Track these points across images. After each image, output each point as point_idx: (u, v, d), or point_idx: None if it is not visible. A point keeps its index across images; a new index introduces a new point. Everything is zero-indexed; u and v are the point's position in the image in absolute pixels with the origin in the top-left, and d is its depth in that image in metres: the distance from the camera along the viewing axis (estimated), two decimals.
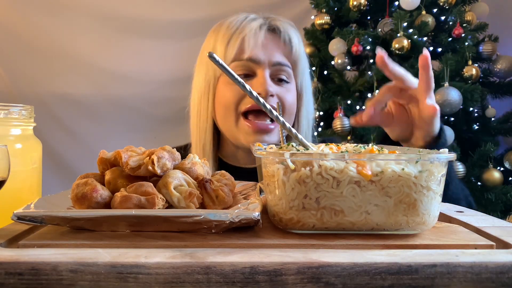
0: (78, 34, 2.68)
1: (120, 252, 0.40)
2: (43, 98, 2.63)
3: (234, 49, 0.98)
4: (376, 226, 0.48)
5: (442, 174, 0.48)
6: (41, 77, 2.67)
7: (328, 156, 0.47)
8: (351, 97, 2.18)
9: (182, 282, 0.38)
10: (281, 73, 1.01)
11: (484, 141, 2.04)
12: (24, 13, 2.64)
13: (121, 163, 0.53)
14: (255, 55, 0.97)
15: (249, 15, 1.03)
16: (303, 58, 1.05)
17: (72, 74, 2.70)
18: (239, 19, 1.02)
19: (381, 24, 2.11)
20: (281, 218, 0.48)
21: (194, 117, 1.06)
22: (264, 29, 1.00)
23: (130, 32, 2.73)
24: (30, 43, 2.65)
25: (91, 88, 2.69)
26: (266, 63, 0.99)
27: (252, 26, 0.99)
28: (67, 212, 0.48)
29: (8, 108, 0.63)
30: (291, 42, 1.01)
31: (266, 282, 0.38)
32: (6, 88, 2.65)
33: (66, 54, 2.67)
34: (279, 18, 1.05)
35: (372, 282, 0.38)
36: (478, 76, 2.00)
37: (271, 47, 1.00)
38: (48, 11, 2.66)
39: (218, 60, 0.53)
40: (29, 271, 0.38)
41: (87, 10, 2.69)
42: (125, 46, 2.72)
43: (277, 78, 1.01)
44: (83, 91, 2.68)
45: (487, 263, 0.39)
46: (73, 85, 2.67)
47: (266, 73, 0.98)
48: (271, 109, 0.57)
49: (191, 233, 0.48)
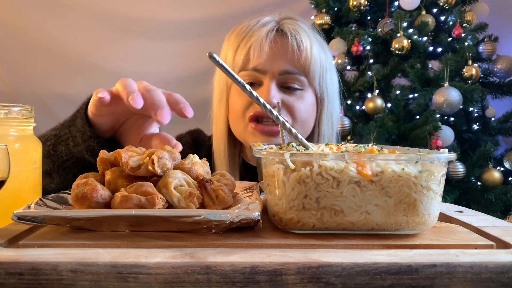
0: (78, 34, 2.68)
1: (120, 252, 0.40)
2: (43, 98, 2.63)
3: (241, 58, 0.97)
4: (376, 226, 0.48)
5: (442, 174, 0.48)
6: (41, 77, 2.67)
7: (328, 156, 0.47)
8: (351, 97, 2.18)
9: (182, 282, 0.38)
10: (290, 81, 0.98)
11: (484, 141, 2.04)
12: (24, 13, 2.64)
13: (121, 163, 0.53)
14: (260, 65, 0.96)
15: (262, 18, 1.01)
16: (317, 62, 0.99)
17: (72, 74, 2.70)
18: (251, 24, 1.00)
19: (381, 24, 2.11)
20: (281, 218, 0.48)
21: (213, 122, 1.08)
22: (272, 36, 0.97)
23: (130, 32, 2.73)
24: (30, 43, 2.65)
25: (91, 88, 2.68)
26: (272, 72, 0.96)
27: (260, 33, 0.97)
28: (67, 212, 0.48)
29: (8, 108, 0.63)
30: (299, 48, 0.97)
31: (266, 282, 0.38)
32: (6, 88, 2.65)
33: (66, 54, 2.67)
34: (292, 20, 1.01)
35: (372, 282, 0.38)
36: (478, 76, 2.00)
37: (278, 55, 0.96)
38: (48, 11, 2.66)
39: (218, 60, 0.53)
40: (29, 271, 0.38)
41: (87, 10, 2.69)
42: (125, 46, 2.72)
43: (287, 86, 0.98)
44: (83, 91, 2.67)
45: (487, 263, 0.39)
46: (73, 85, 2.67)
47: (271, 83, 0.96)
48: (271, 109, 0.57)
49: (191, 233, 0.48)
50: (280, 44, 0.98)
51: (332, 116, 1.06)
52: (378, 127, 1.95)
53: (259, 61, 0.96)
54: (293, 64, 0.97)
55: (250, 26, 0.99)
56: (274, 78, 0.97)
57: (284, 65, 0.97)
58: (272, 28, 0.99)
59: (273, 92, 0.95)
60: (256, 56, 0.96)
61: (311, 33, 1.01)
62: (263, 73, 0.97)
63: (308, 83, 1.00)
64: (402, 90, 2.03)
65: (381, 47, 2.12)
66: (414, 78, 1.98)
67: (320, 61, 1.00)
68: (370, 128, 1.97)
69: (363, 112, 2.15)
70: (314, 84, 1.00)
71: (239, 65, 0.98)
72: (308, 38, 0.99)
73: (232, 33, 1.02)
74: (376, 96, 2.04)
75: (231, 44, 1.01)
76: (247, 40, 0.97)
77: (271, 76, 0.96)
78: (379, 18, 2.19)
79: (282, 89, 0.98)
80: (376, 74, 2.03)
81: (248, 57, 0.97)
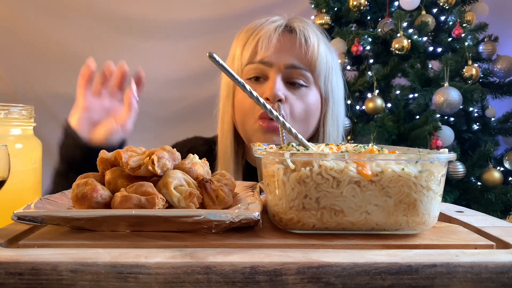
0: (78, 34, 2.68)
1: (120, 252, 0.40)
2: (43, 98, 2.63)
3: (248, 52, 0.98)
4: (376, 226, 0.48)
5: (442, 174, 0.48)
6: (41, 77, 2.66)
7: (328, 156, 0.47)
8: (351, 97, 2.18)
9: (182, 282, 0.38)
10: (296, 76, 0.98)
11: (484, 141, 2.04)
12: (24, 13, 2.64)
13: (121, 163, 0.53)
14: (266, 58, 0.96)
15: (271, 17, 1.02)
16: (324, 60, 0.99)
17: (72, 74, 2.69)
18: (260, 21, 1.01)
19: (381, 24, 2.10)
20: (281, 218, 0.48)
21: (219, 121, 1.08)
22: (280, 31, 0.99)
23: (130, 32, 2.72)
24: (31, 43, 2.65)
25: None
26: (279, 65, 0.97)
27: (268, 28, 0.98)
28: (67, 212, 0.48)
29: (8, 108, 0.63)
30: (307, 43, 0.97)
31: (266, 282, 0.38)
32: (6, 88, 2.65)
33: (66, 54, 2.66)
34: (301, 19, 1.03)
35: (372, 282, 0.38)
36: (478, 76, 2.00)
37: (286, 49, 0.97)
38: (48, 11, 2.66)
39: (218, 61, 0.53)
40: (29, 271, 0.38)
41: (87, 10, 2.69)
42: (125, 46, 2.72)
43: (292, 82, 0.98)
44: None
45: (487, 263, 0.39)
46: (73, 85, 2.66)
47: (277, 76, 0.96)
48: (271, 109, 0.57)
49: (191, 233, 0.48)
50: (288, 39, 0.99)
51: (337, 118, 1.06)
52: (378, 127, 1.95)
53: (266, 53, 0.97)
54: (300, 59, 0.98)
55: (260, 23, 1.01)
56: (280, 71, 0.97)
57: (291, 59, 0.97)
58: (281, 24, 1.00)
59: (278, 85, 0.95)
60: (264, 49, 0.97)
61: (319, 33, 1.03)
62: (270, 66, 0.97)
63: (314, 81, 1.00)
64: (402, 90, 2.02)
65: (381, 47, 2.11)
66: (414, 78, 1.97)
67: (326, 60, 1.00)
68: (370, 128, 1.97)
69: (363, 112, 2.15)
70: (319, 83, 1.00)
71: (246, 59, 0.99)
72: (316, 36, 1.00)
73: (242, 31, 1.04)
74: (376, 96, 2.04)
75: (240, 41, 1.02)
76: (256, 34, 0.99)
77: (277, 70, 0.97)
78: (379, 18, 2.19)
79: (287, 85, 0.98)
80: (376, 74, 2.03)
81: (256, 50, 0.98)
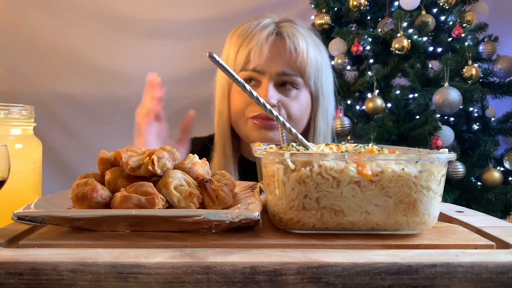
0: (78, 34, 2.68)
1: (120, 252, 0.40)
2: (43, 98, 2.63)
3: (241, 59, 1.03)
4: (376, 226, 0.48)
5: (442, 174, 0.48)
6: (41, 77, 2.66)
7: (328, 156, 0.47)
8: (351, 97, 2.18)
9: (182, 282, 0.38)
10: (287, 82, 1.04)
11: (484, 141, 2.03)
12: (24, 13, 2.64)
13: (121, 163, 0.53)
14: (259, 66, 1.02)
15: (262, 20, 1.06)
16: (313, 63, 1.05)
17: (72, 74, 2.70)
18: (252, 26, 1.05)
19: (381, 24, 2.10)
20: (281, 218, 0.48)
21: (216, 118, 1.13)
22: (272, 39, 1.03)
23: (130, 32, 2.72)
24: (30, 43, 2.65)
25: (91, 88, 2.69)
26: (270, 73, 1.02)
27: (260, 36, 1.03)
28: (67, 212, 0.48)
29: (8, 108, 0.63)
30: (296, 51, 1.03)
31: (266, 282, 0.38)
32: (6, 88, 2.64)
33: (66, 54, 2.67)
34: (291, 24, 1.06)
35: (372, 282, 0.38)
36: (478, 76, 2.00)
37: (277, 57, 1.02)
38: (48, 11, 2.66)
39: (218, 61, 0.53)
40: (29, 271, 0.38)
41: (87, 10, 2.69)
42: (125, 46, 2.72)
43: (283, 86, 1.04)
44: (83, 91, 2.68)
45: (487, 263, 0.39)
46: (73, 85, 2.67)
47: (269, 83, 1.02)
48: (271, 109, 0.57)
49: (191, 233, 0.48)
50: (279, 47, 1.03)
51: (327, 113, 1.12)
52: (378, 127, 1.95)
53: (258, 62, 1.02)
54: (290, 66, 1.03)
55: (251, 28, 1.05)
56: (272, 79, 1.03)
57: (282, 66, 1.02)
58: (272, 31, 1.04)
59: (271, 92, 1.01)
60: (256, 58, 1.02)
61: (308, 36, 1.07)
62: (262, 74, 1.03)
63: (304, 83, 1.06)
64: (402, 90, 2.02)
65: (381, 47, 2.11)
66: (414, 78, 1.97)
67: (316, 62, 1.06)
68: (370, 128, 1.96)
69: (363, 112, 2.15)
70: (309, 84, 1.06)
71: (240, 65, 1.04)
72: (305, 41, 1.05)
73: (234, 34, 1.08)
74: (376, 96, 2.03)
75: (233, 45, 1.06)
76: (248, 42, 1.04)
77: (269, 77, 1.02)
78: (379, 18, 2.18)
79: (279, 89, 1.04)
80: (376, 74, 2.03)
81: (248, 59, 1.03)
